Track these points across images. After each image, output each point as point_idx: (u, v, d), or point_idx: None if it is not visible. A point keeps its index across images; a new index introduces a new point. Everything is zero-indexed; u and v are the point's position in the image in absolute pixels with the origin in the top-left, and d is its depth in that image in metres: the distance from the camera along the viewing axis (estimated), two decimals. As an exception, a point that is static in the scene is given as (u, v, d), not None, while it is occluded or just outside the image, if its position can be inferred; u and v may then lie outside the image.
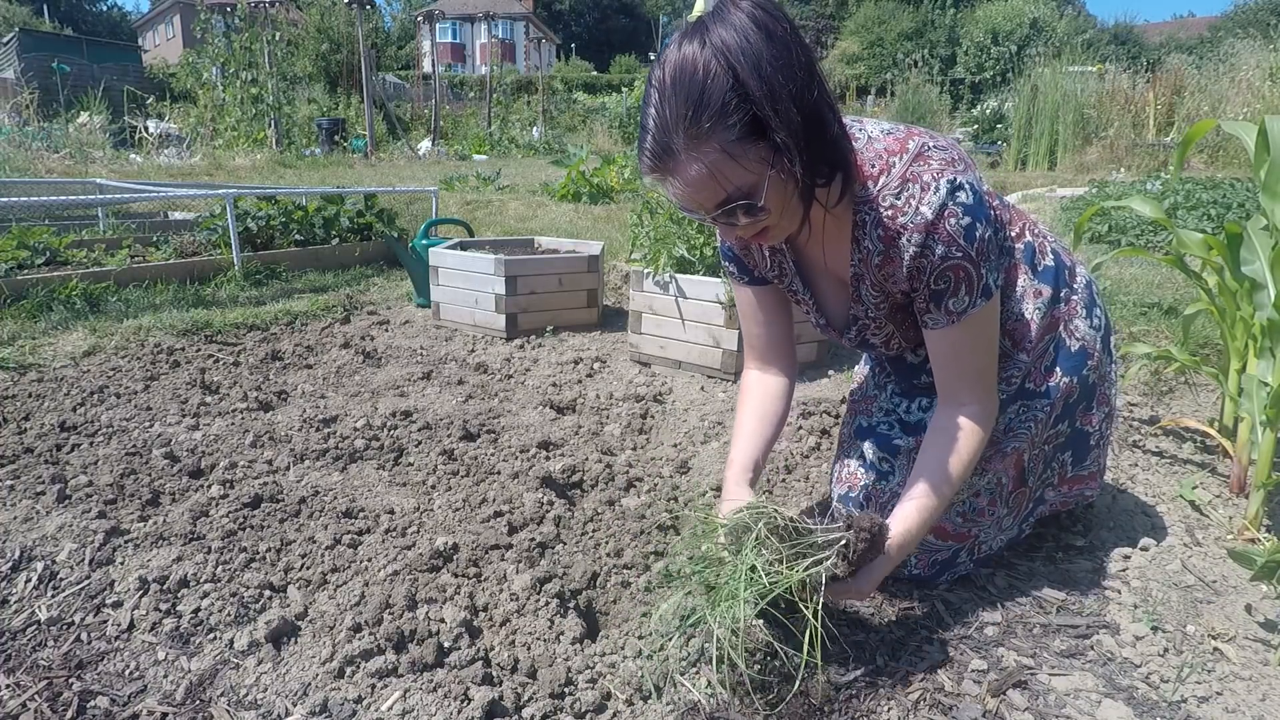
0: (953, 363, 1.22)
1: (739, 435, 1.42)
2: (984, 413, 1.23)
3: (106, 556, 1.44)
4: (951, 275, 1.13)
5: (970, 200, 1.10)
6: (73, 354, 2.78)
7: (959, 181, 1.09)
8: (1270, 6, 33.47)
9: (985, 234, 1.11)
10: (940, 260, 1.12)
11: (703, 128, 0.97)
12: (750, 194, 1.03)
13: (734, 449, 1.40)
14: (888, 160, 1.13)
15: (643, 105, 1.03)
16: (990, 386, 1.25)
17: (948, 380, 1.24)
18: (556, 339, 3.25)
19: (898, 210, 1.12)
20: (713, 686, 1.14)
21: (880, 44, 39.00)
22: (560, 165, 10.02)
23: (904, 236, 1.12)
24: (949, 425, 1.24)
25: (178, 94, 15.96)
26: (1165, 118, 10.39)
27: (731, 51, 0.96)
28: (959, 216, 1.09)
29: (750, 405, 1.44)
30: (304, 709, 1.09)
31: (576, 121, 18.81)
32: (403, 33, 49.02)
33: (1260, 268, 1.69)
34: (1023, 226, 1.36)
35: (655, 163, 1.03)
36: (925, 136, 1.15)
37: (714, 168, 1.00)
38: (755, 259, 1.39)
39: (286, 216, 4.62)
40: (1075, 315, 1.39)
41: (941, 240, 1.10)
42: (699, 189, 1.02)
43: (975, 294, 1.15)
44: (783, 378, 1.47)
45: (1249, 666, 1.23)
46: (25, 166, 7.47)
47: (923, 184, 1.10)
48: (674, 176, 1.02)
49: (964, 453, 1.22)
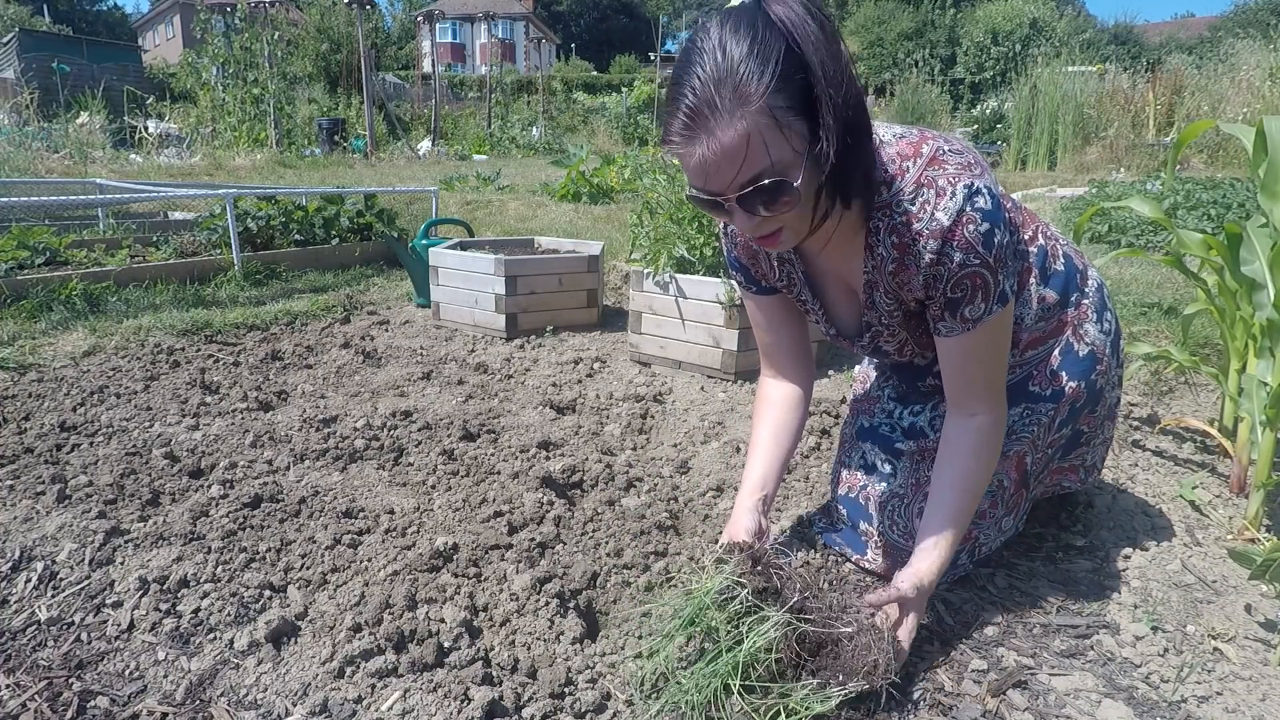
0: (965, 371, 1.20)
1: (753, 452, 1.41)
2: (995, 422, 1.22)
3: (106, 556, 1.44)
4: (969, 283, 1.10)
5: (988, 205, 1.07)
6: (73, 354, 2.78)
7: (977, 186, 1.06)
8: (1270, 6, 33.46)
9: (1003, 240, 1.09)
10: (958, 267, 1.09)
11: (756, 86, 0.91)
12: (784, 172, 0.96)
13: (748, 467, 1.40)
14: (901, 165, 1.10)
15: (676, 71, 0.97)
16: (1001, 395, 1.23)
17: (959, 389, 1.22)
18: (556, 339, 3.25)
19: (913, 216, 1.09)
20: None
21: (880, 44, 38.98)
22: (560, 165, 10.02)
23: (920, 243, 1.09)
24: (964, 439, 1.22)
25: (178, 94, 15.97)
26: (1165, 118, 10.39)
27: (793, 25, 0.93)
28: (977, 223, 1.06)
29: (765, 419, 1.43)
30: (304, 709, 1.09)
31: (576, 121, 18.81)
32: (403, 33, 49.02)
33: (1260, 268, 1.69)
34: (1036, 229, 1.35)
35: (691, 120, 0.94)
36: (939, 140, 1.12)
37: (757, 131, 0.93)
38: (763, 268, 1.36)
39: (286, 216, 4.62)
40: (1086, 319, 1.38)
41: (959, 247, 1.07)
42: (732, 156, 0.94)
43: (992, 300, 1.12)
44: (797, 385, 1.45)
45: (1249, 666, 1.23)
46: (25, 166, 7.48)
47: (938, 189, 1.07)
48: (710, 137, 0.94)
49: (980, 467, 1.22)
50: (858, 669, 1.08)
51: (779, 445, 1.41)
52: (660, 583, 1.42)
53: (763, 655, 1.07)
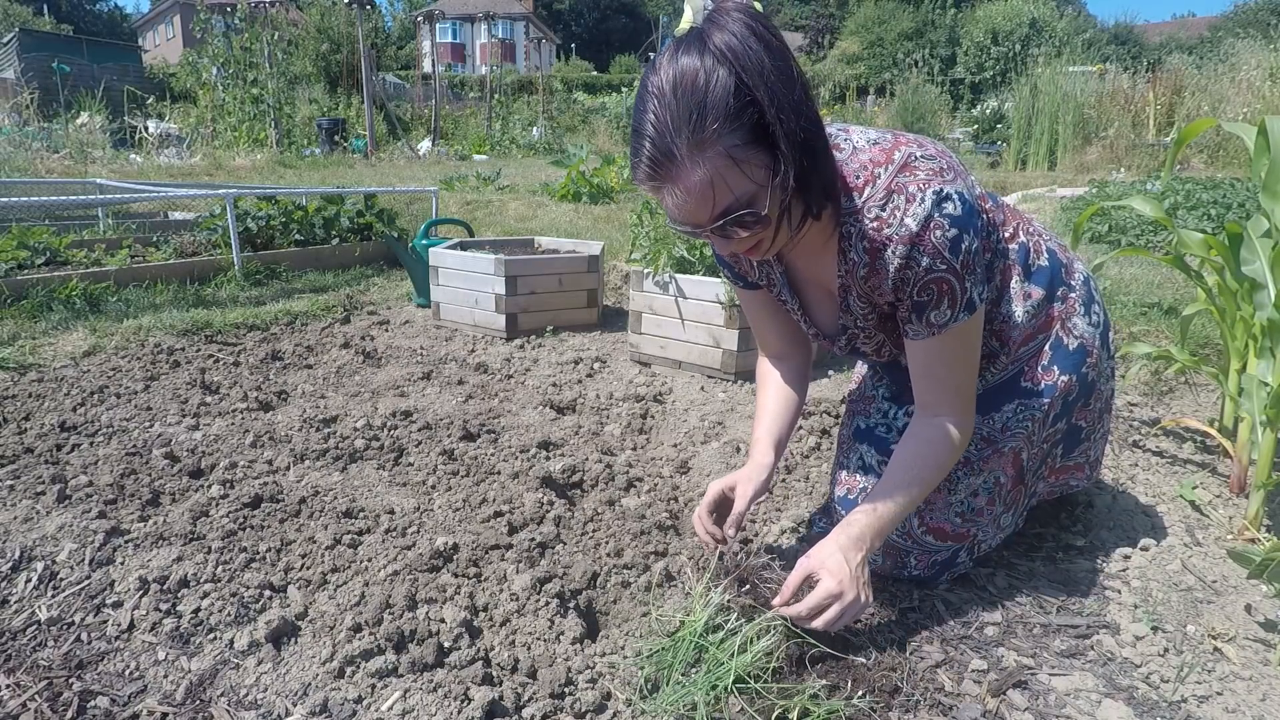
0: (931, 375, 1.22)
1: (763, 413, 1.45)
2: (959, 426, 1.23)
3: (106, 556, 1.44)
4: (935, 288, 1.11)
5: (958, 211, 1.07)
6: (73, 354, 2.78)
7: (946, 192, 1.07)
8: (1270, 6, 33.47)
9: (971, 246, 1.09)
10: (925, 272, 1.10)
11: (708, 131, 0.94)
12: (751, 204, 1.01)
13: (759, 426, 1.44)
14: (873, 171, 1.11)
15: (636, 114, 1.00)
16: (968, 402, 1.24)
17: (925, 391, 1.23)
18: (556, 339, 3.25)
19: (883, 222, 1.10)
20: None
21: (880, 44, 38.98)
22: (560, 165, 10.02)
23: (889, 249, 1.11)
24: (922, 433, 1.24)
25: (178, 94, 15.98)
26: (1165, 118, 10.38)
27: (735, 55, 0.94)
28: (945, 229, 1.07)
29: (770, 389, 1.48)
30: (304, 709, 1.09)
31: (576, 121, 18.79)
32: (403, 33, 49.02)
33: (1260, 267, 1.69)
34: (1016, 226, 1.35)
35: (654, 170, 0.99)
36: (913, 146, 1.12)
37: (718, 174, 0.97)
38: (744, 266, 1.40)
39: (286, 216, 4.62)
40: (1074, 313, 1.38)
41: (926, 252, 1.09)
42: (700, 198, 0.99)
43: (958, 308, 1.13)
44: (797, 364, 1.50)
45: (1249, 666, 1.23)
46: (25, 166, 7.47)
47: (908, 195, 1.08)
48: (674, 184, 0.99)
49: (934, 461, 1.22)
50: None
51: (786, 411, 1.46)
52: (660, 582, 1.42)
53: (763, 660, 1.11)
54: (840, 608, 1.12)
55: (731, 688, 1.08)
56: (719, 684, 1.08)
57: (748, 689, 1.08)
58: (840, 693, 1.12)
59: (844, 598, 1.13)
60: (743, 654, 1.12)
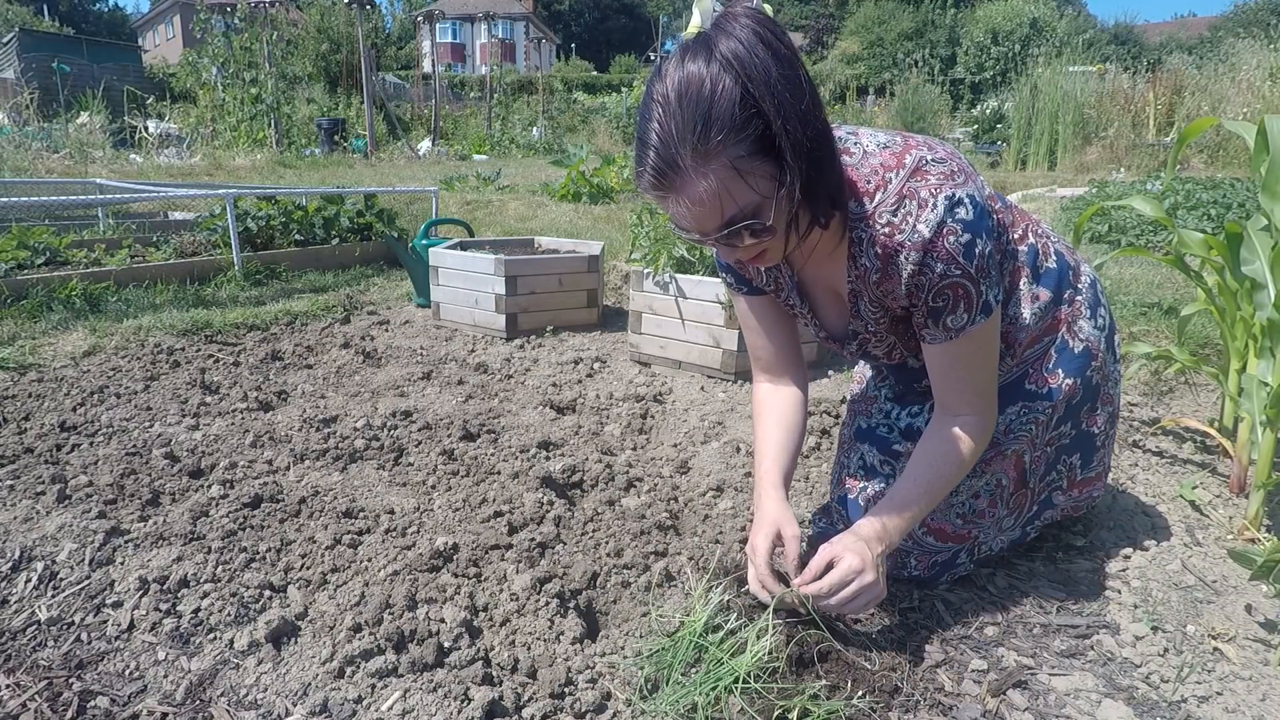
0: (950, 377, 1.21)
1: (766, 446, 1.38)
2: (981, 424, 1.22)
3: (106, 556, 1.44)
4: (950, 293, 1.11)
5: (970, 216, 1.07)
6: (73, 354, 2.78)
7: (958, 196, 1.07)
8: (1270, 6, 33.48)
9: (985, 250, 1.09)
10: (939, 278, 1.09)
11: (712, 142, 0.93)
12: (756, 214, 1.00)
13: (765, 460, 1.36)
14: (884, 176, 1.10)
15: (640, 121, 0.99)
16: (989, 401, 1.24)
17: (945, 394, 1.23)
18: (556, 339, 3.25)
19: (894, 228, 1.09)
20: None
21: (880, 44, 38.99)
22: (560, 165, 10.01)
23: (901, 254, 1.10)
24: (943, 432, 1.23)
25: (178, 94, 15.98)
26: (1165, 118, 10.38)
27: (742, 64, 0.93)
28: (958, 234, 1.07)
29: (771, 417, 1.41)
30: (304, 709, 1.09)
31: (576, 121, 18.79)
32: (403, 33, 48.99)
33: (1260, 267, 1.69)
34: (1025, 228, 1.35)
35: (658, 180, 0.98)
36: (923, 149, 1.12)
37: (723, 185, 0.96)
38: (750, 271, 1.38)
39: (286, 216, 4.62)
40: (1079, 316, 1.38)
41: (940, 259, 1.08)
42: (705, 208, 0.98)
43: (975, 311, 1.13)
44: (795, 388, 1.45)
45: (1249, 666, 1.23)
46: (25, 166, 7.47)
47: (920, 200, 1.07)
48: (679, 195, 0.98)
49: (956, 459, 1.22)
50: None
51: (790, 441, 1.39)
52: (660, 582, 1.42)
53: (763, 660, 1.11)
54: (859, 586, 1.13)
55: (731, 688, 1.08)
56: (719, 684, 1.08)
57: (748, 689, 1.08)
58: (840, 693, 1.12)
59: (864, 576, 1.13)
60: (743, 654, 1.12)
